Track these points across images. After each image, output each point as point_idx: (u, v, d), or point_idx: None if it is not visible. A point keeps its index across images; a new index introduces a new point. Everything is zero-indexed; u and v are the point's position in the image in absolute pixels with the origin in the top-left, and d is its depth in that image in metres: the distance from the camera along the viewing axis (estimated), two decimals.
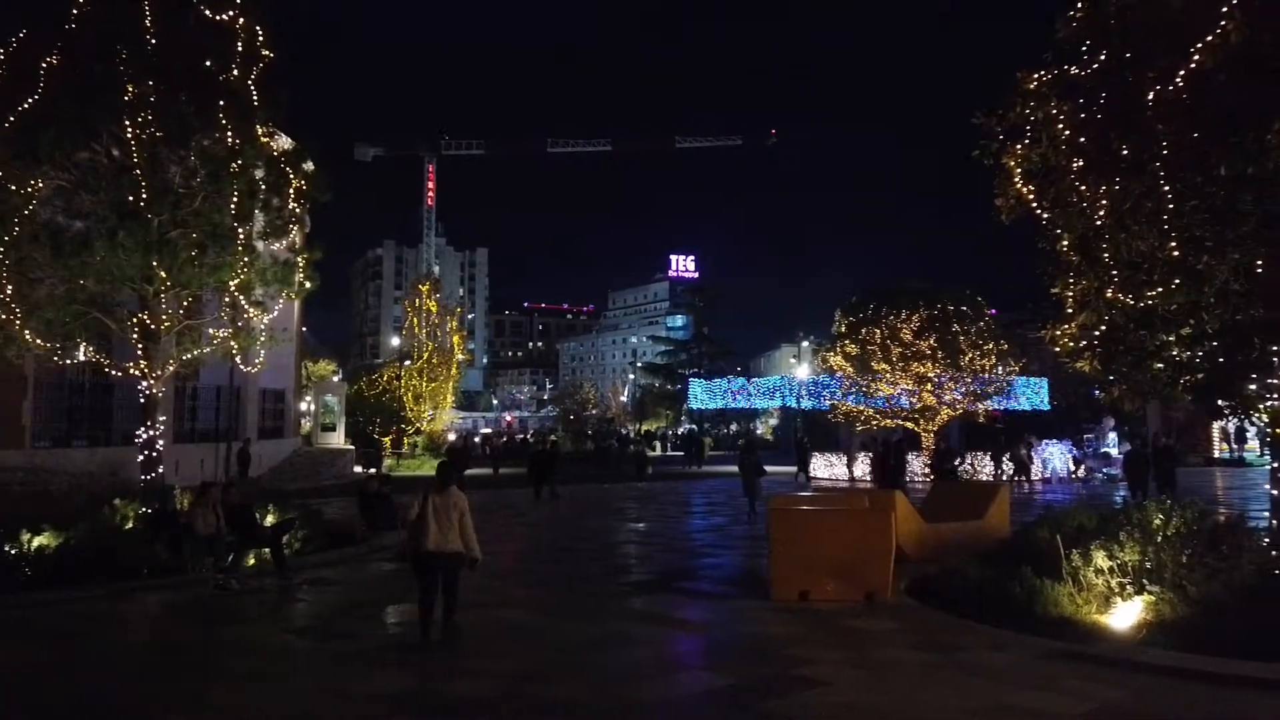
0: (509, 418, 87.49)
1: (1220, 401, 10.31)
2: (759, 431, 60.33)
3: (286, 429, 32.77)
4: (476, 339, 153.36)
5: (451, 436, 45.13)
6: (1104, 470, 27.34)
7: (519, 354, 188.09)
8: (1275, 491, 9.48)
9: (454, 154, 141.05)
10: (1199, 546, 8.74)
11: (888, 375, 26.35)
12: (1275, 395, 9.35)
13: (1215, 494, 21.60)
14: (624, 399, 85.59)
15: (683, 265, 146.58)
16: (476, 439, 51.44)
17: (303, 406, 37.82)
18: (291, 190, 15.84)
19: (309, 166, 16.49)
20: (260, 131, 15.24)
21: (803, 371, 50.04)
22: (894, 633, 8.23)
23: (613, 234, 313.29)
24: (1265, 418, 9.80)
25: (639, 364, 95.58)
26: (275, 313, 16.66)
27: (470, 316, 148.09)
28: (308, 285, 16.63)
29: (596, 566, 12.60)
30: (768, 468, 20.77)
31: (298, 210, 16.28)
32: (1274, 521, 9.23)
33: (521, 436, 54.59)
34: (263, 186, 15.25)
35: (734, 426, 66.08)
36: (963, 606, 8.82)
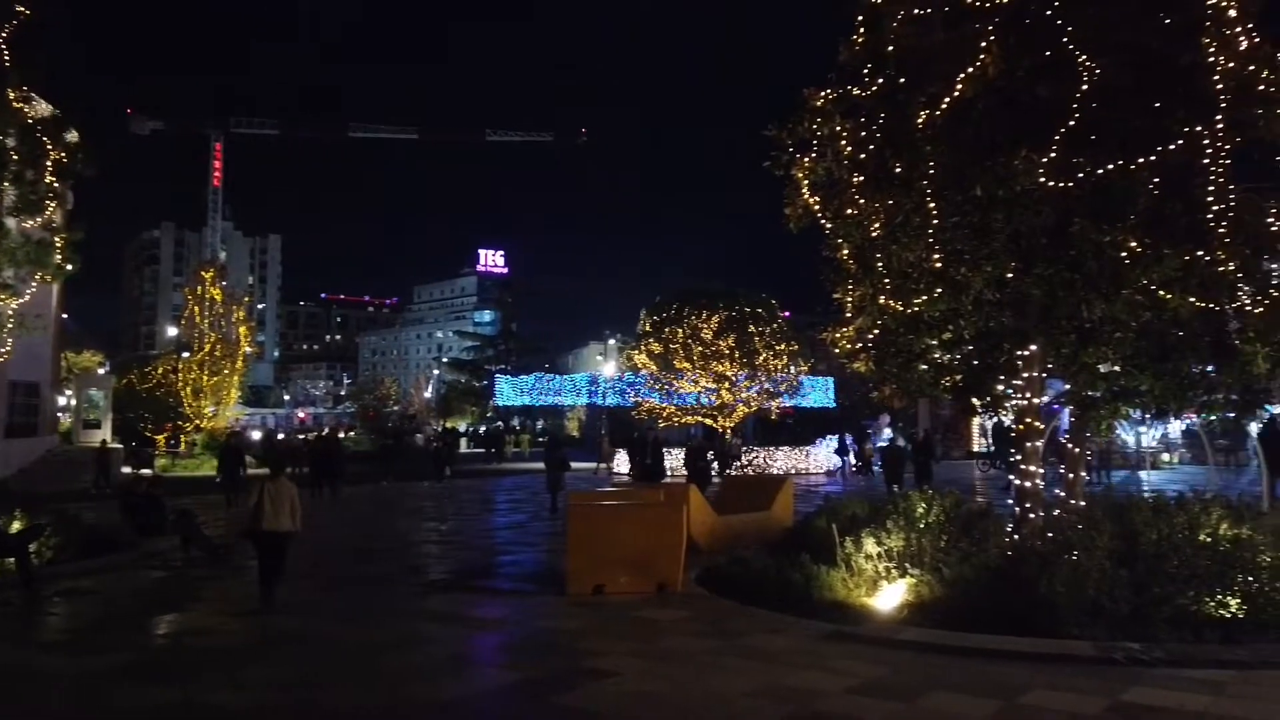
0: (302, 414, 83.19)
1: (974, 400, 11.39)
2: (567, 428, 60.69)
3: (41, 426, 29.55)
4: (267, 330, 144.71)
5: (257, 434, 42.35)
6: (848, 462, 29.37)
7: (315, 347, 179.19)
8: (1017, 481, 10.56)
9: (245, 132, 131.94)
10: (954, 532, 9.62)
11: (689, 373, 27.27)
12: (1019, 394, 10.43)
13: (973, 484, 23.85)
14: (428, 395, 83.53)
15: (492, 260, 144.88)
16: (282, 435, 48.28)
17: (61, 401, 34.16)
18: (50, 162, 14.28)
19: (72, 137, 14.93)
20: (13, 96, 13.64)
21: (609, 369, 50.82)
22: (682, 621, 8.52)
23: (419, 226, 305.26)
24: (1011, 414, 10.96)
25: (444, 359, 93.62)
26: (27, 297, 14.97)
27: (260, 306, 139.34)
28: (68, 267, 15.05)
29: (390, 567, 12.22)
30: (574, 464, 20.90)
31: (57, 185, 14.70)
32: (1017, 508, 10.28)
33: (303, 436, 51.68)
34: (14, 157, 13.66)
35: (540, 423, 66.14)
36: (748, 594, 9.26)
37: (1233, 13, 9.23)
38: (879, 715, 5.77)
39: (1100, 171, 9.09)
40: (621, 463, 28.63)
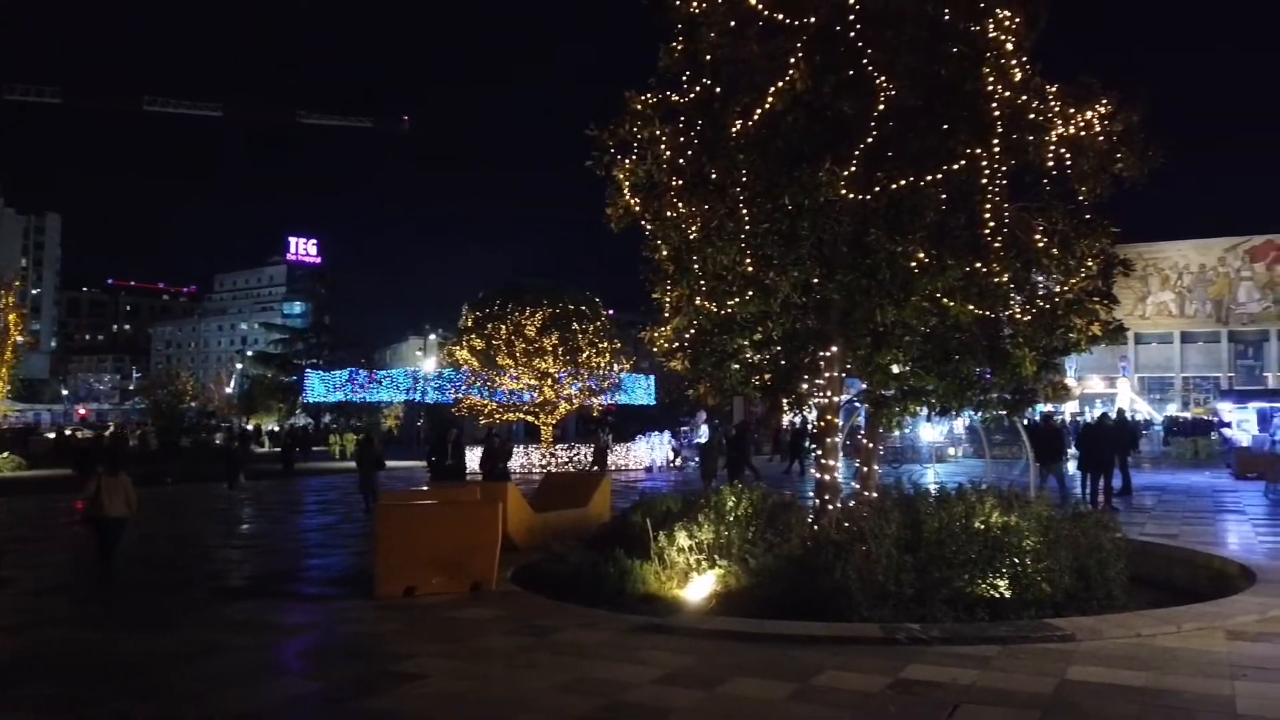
0: (83, 410, 76.11)
1: (782, 397, 11.96)
2: (385, 425, 58.67)
3: None
4: (43, 318, 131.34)
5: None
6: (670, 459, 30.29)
7: (100, 338, 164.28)
8: (818, 475, 11.17)
9: (22, 100, 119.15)
10: (761, 524, 10.06)
11: (511, 370, 27.06)
12: (821, 393, 11.04)
13: (781, 478, 25.02)
14: (229, 390, 78.43)
15: (303, 249, 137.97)
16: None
17: None
18: None
19: None
20: None
21: (430, 365, 49.57)
22: (495, 620, 8.44)
23: (222, 210, 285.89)
24: (814, 411, 11.58)
25: (249, 353, 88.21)
26: None
27: (35, 292, 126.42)
28: None
29: (185, 573, 11.40)
30: (390, 462, 20.21)
31: None
32: (818, 500, 10.88)
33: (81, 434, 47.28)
34: None
35: (354, 420, 63.61)
36: (563, 590, 9.31)
37: (1009, 46, 10.13)
38: (683, 703, 5.94)
39: (894, 186, 9.72)
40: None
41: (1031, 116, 10.35)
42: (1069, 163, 10.47)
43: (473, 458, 22.20)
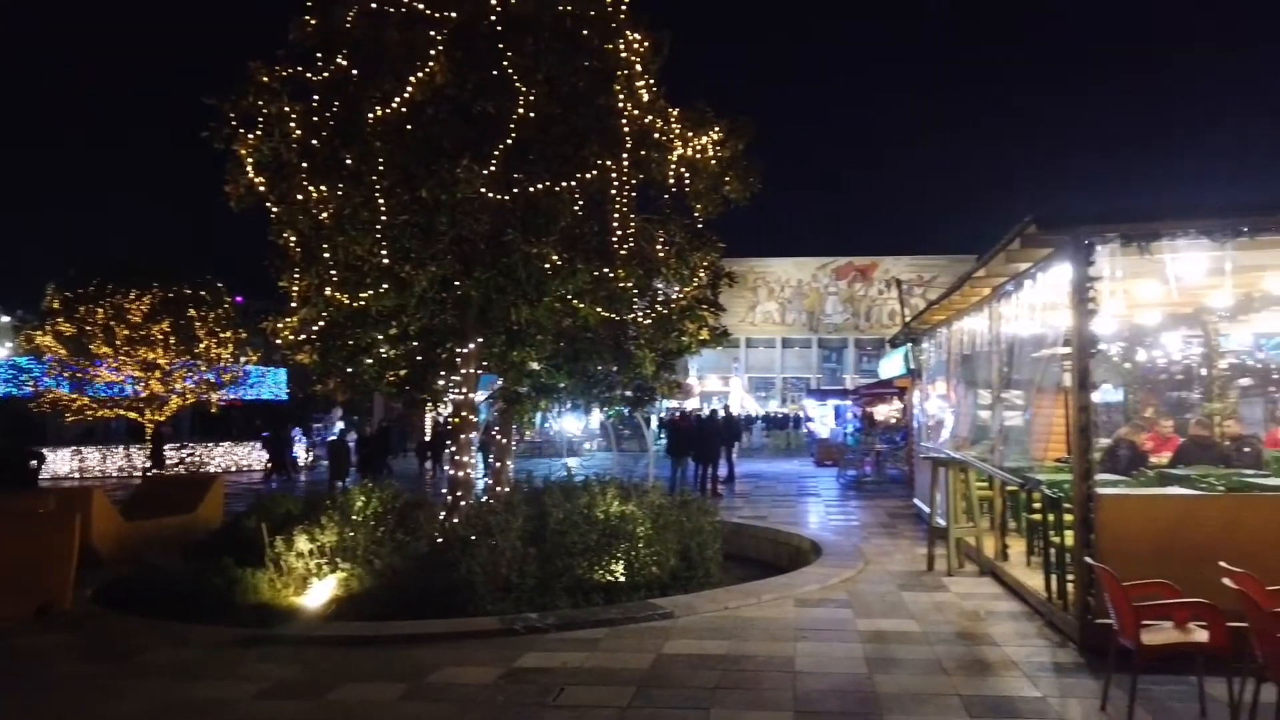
0: None
1: (417, 394, 11.77)
2: None
3: None
4: None
5: None
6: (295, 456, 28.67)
7: None
8: (452, 471, 11.14)
9: None
10: (391, 524, 9.80)
11: (110, 360, 23.75)
12: (457, 389, 11.03)
13: (418, 476, 24.64)
14: None
15: None
16: None
17: None
18: None
19: None
20: None
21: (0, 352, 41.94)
22: (68, 646, 7.36)
23: None
24: (449, 407, 11.54)
25: None
26: None
27: None
28: None
29: None
30: None
31: None
32: (450, 497, 10.84)
33: None
34: None
35: None
36: (157, 606, 8.33)
37: (639, 67, 10.88)
38: (285, 716, 5.61)
39: (532, 189, 10.00)
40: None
41: (656, 136, 11.18)
42: (687, 181, 11.46)
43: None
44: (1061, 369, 10.09)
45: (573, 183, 10.25)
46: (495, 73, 9.96)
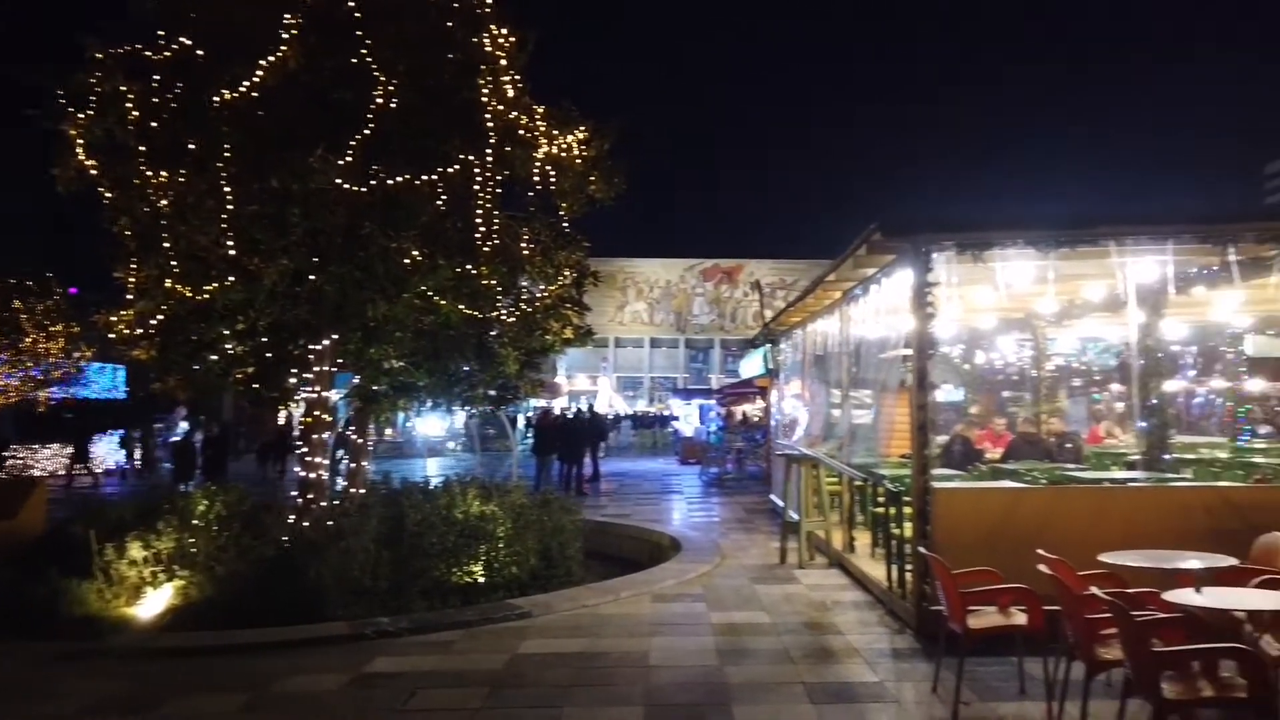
0: None
1: (266, 393, 11.26)
2: None
3: None
4: None
5: None
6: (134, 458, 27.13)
7: None
8: (303, 473, 10.72)
9: None
10: (236, 528, 9.35)
11: None
12: (310, 388, 10.63)
13: (268, 478, 23.58)
14: None
15: None
16: None
17: None
18: None
19: None
20: None
21: None
22: None
23: None
24: (301, 407, 11.10)
25: None
26: None
27: None
28: None
29: None
30: None
31: None
32: (301, 500, 10.43)
33: None
34: None
35: None
36: None
37: (504, 62, 10.77)
38: None
39: (391, 182, 9.74)
40: None
41: (521, 132, 11.11)
42: (552, 179, 11.44)
43: None
44: (905, 370, 10.63)
45: (434, 177, 10.06)
46: (354, 60, 9.66)
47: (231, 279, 9.53)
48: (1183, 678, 4.31)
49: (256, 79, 9.36)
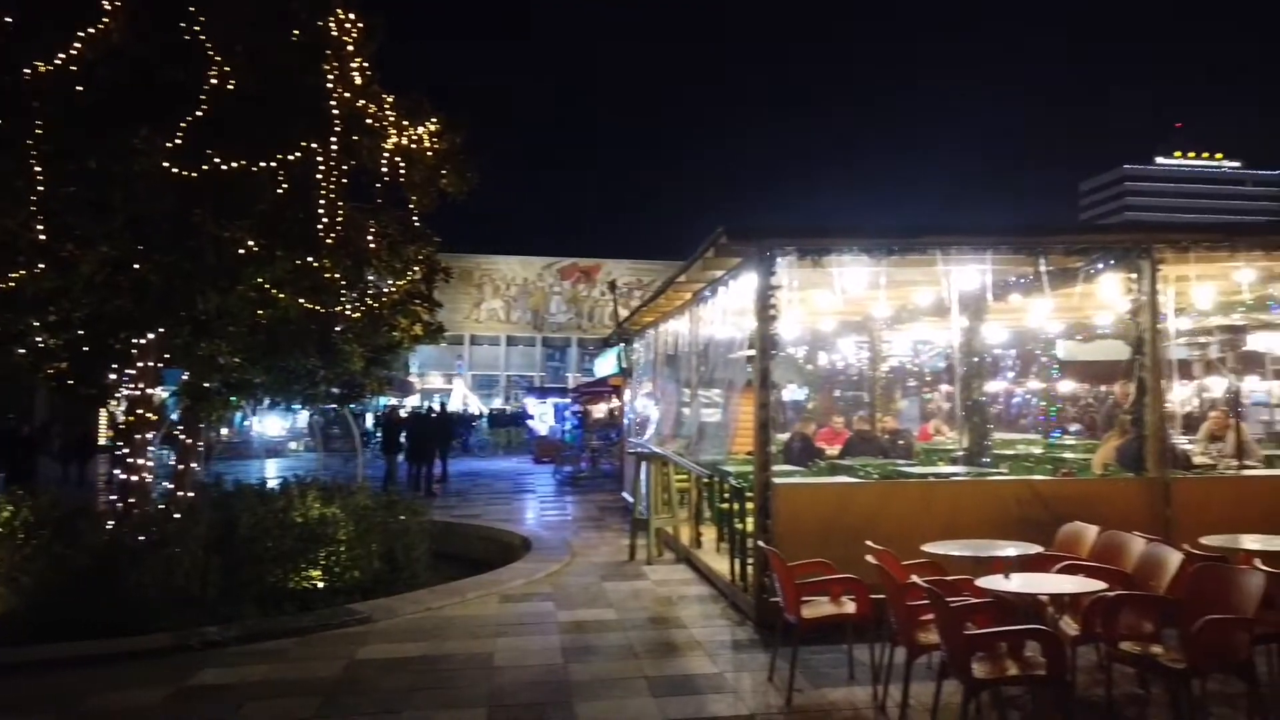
0: None
1: (82, 389, 10.44)
2: None
3: None
4: None
5: None
6: None
7: None
8: (123, 476, 9.99)
9: None
10: (47, 536, 8.62)
11: None
12: (133, 385, 9.94)
13: (93, 481, 21.90)
14: None
15: None
16: None
17: None
18: None
19: None
20: None
21: None
22: None
23: None
24: (122, 405, 10.35)
25: None
26: None
27: None
28: None
29: None
30: None
31: None
32: (121, 504, 9.72)
33: None
34: None
35: None
36: None
37: (350, 47, 10.41)
38: None
39: (224, 167, 9.24)
40: None
41: (369, 121, 10.77)
42: (402, 172, 11.14)
43: None
44: (750, 369, 10.98)
45: (274, 164, 9.61)
46: (187, 37, 9.11)
47: (42, 266, 8.80)
48: (991, 658, 4.63)
49: (74, 51, 8.67)
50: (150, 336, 9.70)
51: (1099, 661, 5.37)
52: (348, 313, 10.81)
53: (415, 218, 11.39)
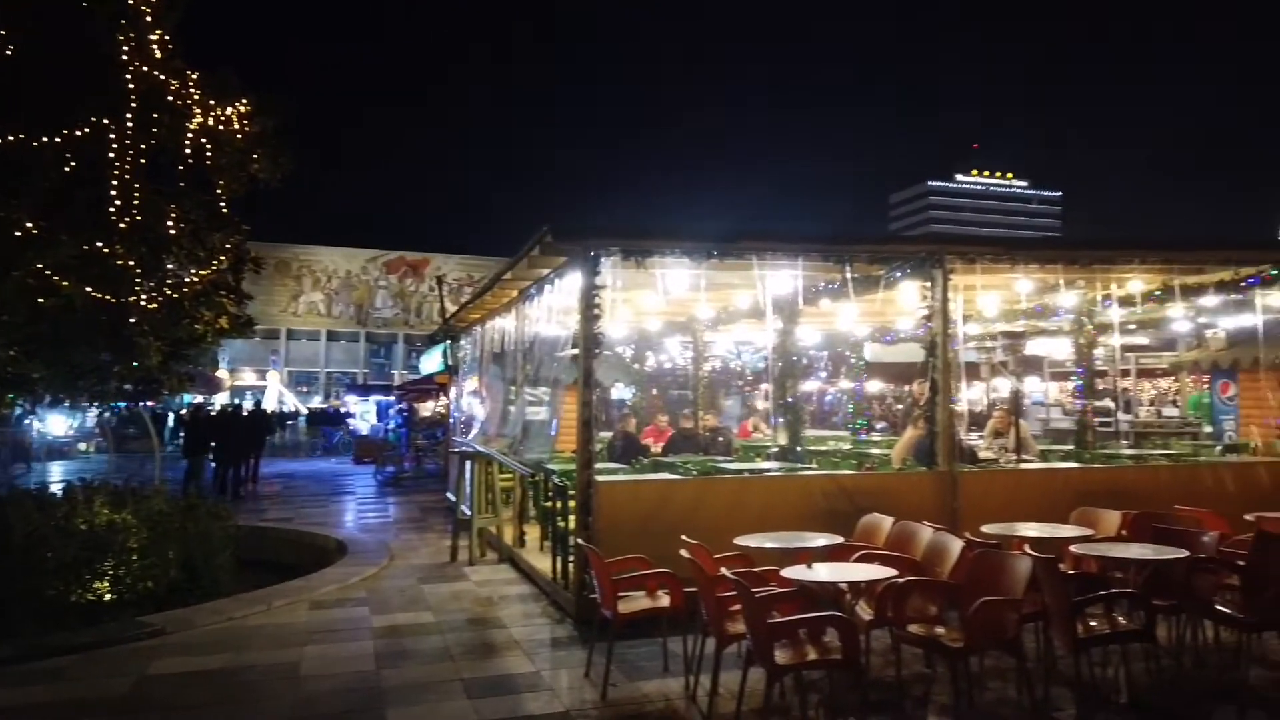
0: None
1: None
2: None
3: None
4: None
5: None
6: None
7: None
8: None
9: None
10: None
11: None
12: None
13: None
14: None
15: None
16: None
17: None
18: None
19: None
20: None
21: None
22: None
23: None
24: None
25: None
26: None
27: None
28: None
29: None
30: None
31: None
32: None
33: None
34: None
35: None
36: None
37: (149, 18, 9.67)
38: None
39: (1, 141, 8.40)
40: None
41: (170, 98, 10.06)
42: (208, 154, 10.47)
43: None
44: (576, 368, 11.03)
45: (58, 139, 8.82)
46: None
47: None
48: (792, 645, 4.87)
49: None
50: None
51: (891, 644, 5.74)
52: (143, 303, 10.06)
53: (223, 203, 10.73)
